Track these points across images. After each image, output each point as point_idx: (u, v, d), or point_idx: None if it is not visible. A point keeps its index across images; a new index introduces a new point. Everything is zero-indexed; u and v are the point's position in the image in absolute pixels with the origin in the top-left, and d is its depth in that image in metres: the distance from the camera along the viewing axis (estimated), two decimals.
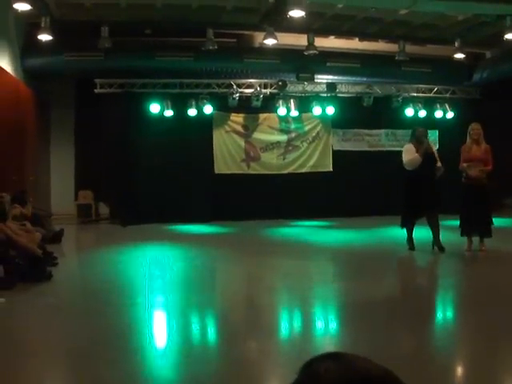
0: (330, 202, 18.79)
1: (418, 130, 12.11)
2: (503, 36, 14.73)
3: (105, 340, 6.31)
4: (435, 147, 11.89)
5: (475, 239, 11.46)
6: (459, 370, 5.68)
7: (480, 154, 11.17)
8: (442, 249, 11.61)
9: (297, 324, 7.56)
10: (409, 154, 11.73)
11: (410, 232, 12.04)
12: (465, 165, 11.15)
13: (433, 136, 17.89)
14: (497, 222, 11.93)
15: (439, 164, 11.63)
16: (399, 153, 12.17)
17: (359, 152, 19.65)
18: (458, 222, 11.55)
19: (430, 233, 11.81)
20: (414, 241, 11.99)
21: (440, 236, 11.72)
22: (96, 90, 17.87)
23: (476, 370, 5.42)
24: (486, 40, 17.35)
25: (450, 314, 8.01)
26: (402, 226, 12.17)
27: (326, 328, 7.22)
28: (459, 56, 17.07)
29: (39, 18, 14.92)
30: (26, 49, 16.55)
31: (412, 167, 11.61)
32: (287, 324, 7.55)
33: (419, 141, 11.72)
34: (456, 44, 16.91)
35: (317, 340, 6.60)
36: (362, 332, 6.54)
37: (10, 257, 9.14)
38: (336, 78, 18.91)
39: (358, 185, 19.00)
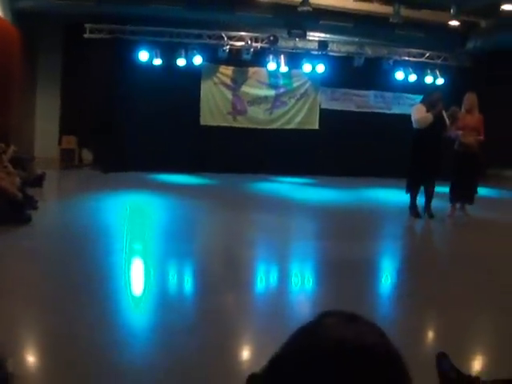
0: (315, 160, 18.80)
1: (433, 94, 11.99)
2: (499, 6, 14.64)
3: (80, 284, 6.32)
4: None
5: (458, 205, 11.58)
6: (423, 332, 5.76)
7: (473, 123, 11.26)
8: (431, 215, 11.62)
9: (273, 279, 7.62)
10: (419, 113, 11.62)
11: (413, 198, 11.76)
12: (459, 132, 11.21)
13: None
14: (482, 191, 12.01)
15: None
16: (386, 115, 12.07)
17: (346, 112, 19.56)
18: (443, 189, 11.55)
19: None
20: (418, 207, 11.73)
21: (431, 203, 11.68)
22: (85, 35, 17.53)
23: (437, 329, 5.50)
24: (481, 9, 17.16)
25: (421, 276, 8.05)
26: (407, 190, 11.86)
27: (302, 284, 7.27)
28: (454, 23, 16.90)
29: None
30: None
31: (423, 126, 11.44)
32: (263, 278, 7.60)
33: (432, 104, 11.54)
34: (451, 11, 16.72)
35: (291, 296, 6.65)
36: (337, 290, 6.60)
37: None
38: (328, 36, 18.75)
39: (344, 144, 18.96)
